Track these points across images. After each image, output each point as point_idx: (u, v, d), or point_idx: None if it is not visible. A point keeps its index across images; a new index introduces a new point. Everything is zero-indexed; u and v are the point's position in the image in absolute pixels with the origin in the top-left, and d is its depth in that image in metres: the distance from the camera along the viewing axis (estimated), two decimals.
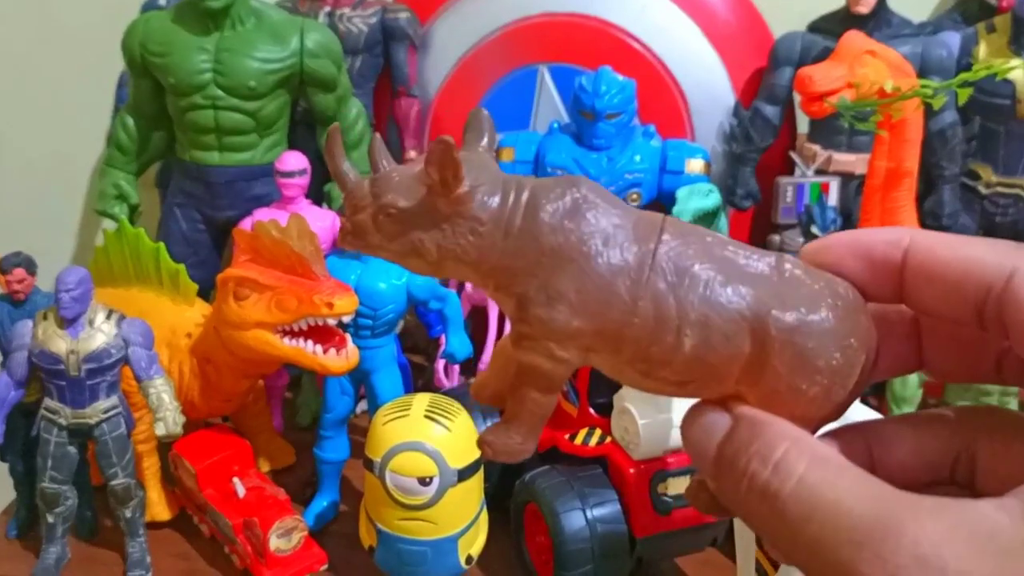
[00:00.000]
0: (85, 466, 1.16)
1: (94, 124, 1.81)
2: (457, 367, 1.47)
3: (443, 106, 1.62)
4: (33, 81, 1.90)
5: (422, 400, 1.07)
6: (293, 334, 1.09)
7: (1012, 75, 1.38)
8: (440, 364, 1.47)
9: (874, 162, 1.18)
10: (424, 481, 1.03)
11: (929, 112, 1.41)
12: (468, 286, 1.47)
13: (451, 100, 1.61)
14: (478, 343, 1.50)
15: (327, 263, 1.17)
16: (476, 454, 1.07)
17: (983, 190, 1.45)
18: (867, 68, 1.08)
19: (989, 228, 1.48)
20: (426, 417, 1.05)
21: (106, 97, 1.73)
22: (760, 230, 1.58)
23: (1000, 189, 1.45)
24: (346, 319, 1.07)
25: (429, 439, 1.03)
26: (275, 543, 1.09)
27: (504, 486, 1.21)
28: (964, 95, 1.04)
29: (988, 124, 1.43)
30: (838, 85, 1.09)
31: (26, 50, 1.88)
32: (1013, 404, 1.18)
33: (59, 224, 1.96)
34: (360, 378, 1.21)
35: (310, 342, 1.08)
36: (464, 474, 1.05)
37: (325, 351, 1.09)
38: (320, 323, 1.07)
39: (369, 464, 1.06)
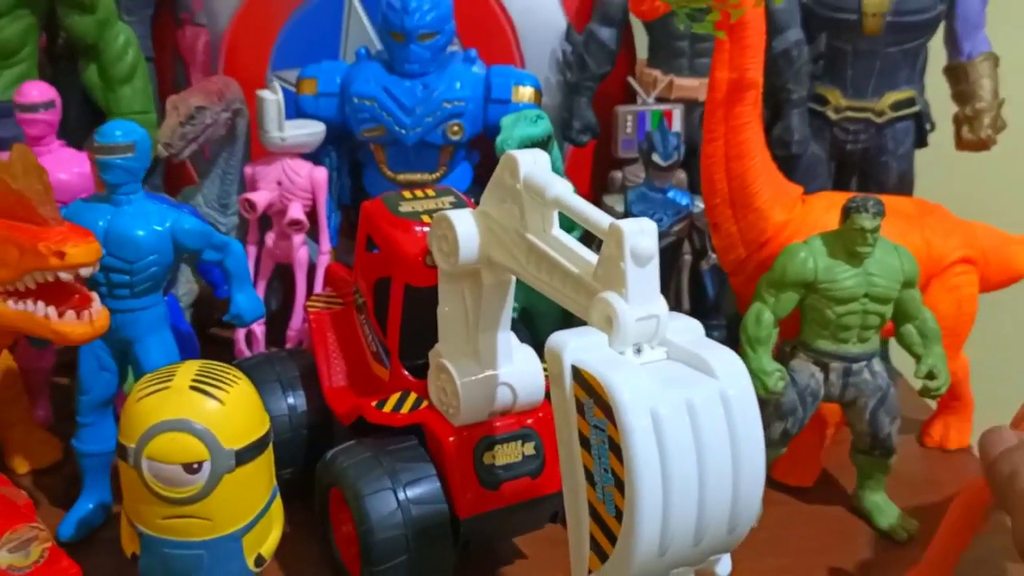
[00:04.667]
0: None
1: None
2: (262, 334, 1.27)
3: (237, 37, 1.40)
4: None
5: (189, 369, 0.87)
6: (19, 295, 0.87)
7: None
8: (241, 333, 1.27)
9: (715, 73, 1.05)
10: (191, 468, 0.83)
11: (773, 30, 1.29)
12: (269, 240, 1.27)
13: (246, 30, 1.40)
14: (285, 308, 1.30)
15: (70, 209, 0.96)
16: (260, 431, 0.88)
17: (832, 115, 1.35)
18: None
19: (840, 157, 1.38)
20: (193, 388, 0.85)
21: None
22: (601, 167, 1.44)
23: (850, 114, 1.34)
24: (85, 272, 0.86)
25: (197, 415, 0.84)
26: (7, 559, 0.87)
27: (309, 471, 1.02)
28: None
29: (834, 42, 1.32)
30: None
31: None
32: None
33: None
34: (123, 349, 0.99)
35: (40, 304, 0.86)
36: (244, 456, 0.86)
37: (61, 314, 0.87)
38: (51, 278, 0.85)
39: (123, 452, 0.85)
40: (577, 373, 0.69)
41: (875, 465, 1.10)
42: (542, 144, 1.17)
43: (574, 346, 0.70)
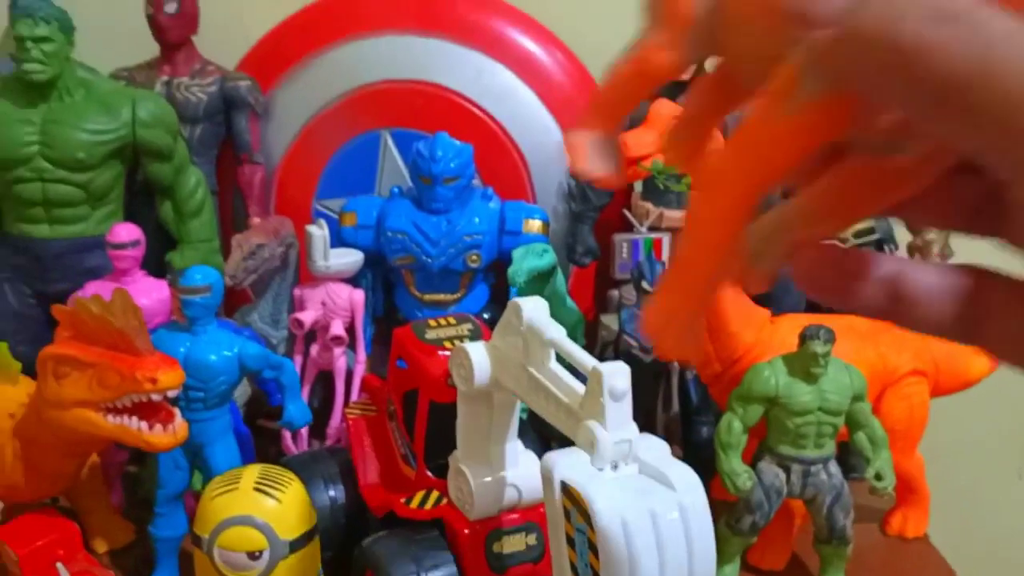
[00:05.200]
0: None
1: None
2: (306, 431, 1.46)
3: (287, 173, 1.62)
4: None
5: (252, 472, 1.06)
6: (117, 411, 1.07)
7: None
8: (288, 432, 1.46)
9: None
10: (254, 555, 1.02)
11: None
12: (314, 351, 1.47)
13: (295, 167, 1.62)
14: (326, 407, 1.50)
15: (156, 336, 1.16)
16: (309, 524, 1.07)
17: None
18: None
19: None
20: (256, 490, 1.04)
21: None
22: (602, 286, 1.63)
23: None
24: (171, 394, 1.06)
25: (259, 512, 1.03)
26: None
27: (346, 554, 1.20)
28: None
29: None
30: (650, 150, 1.14)
31: None
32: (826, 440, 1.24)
33: None
34: (194, 451, 1.19)
35: (134, 419, 1.06)
36: (296, 545, 1.04)
37: (151, 427, 1.07)
38: (144, 399, 1.05)
39: (197, 541, 1.05)
40: (564, 487, 0.88)
41: (834, 553, 1.26)
42: (548, 273, 1.38)
43: (563, 465, 0.88)
